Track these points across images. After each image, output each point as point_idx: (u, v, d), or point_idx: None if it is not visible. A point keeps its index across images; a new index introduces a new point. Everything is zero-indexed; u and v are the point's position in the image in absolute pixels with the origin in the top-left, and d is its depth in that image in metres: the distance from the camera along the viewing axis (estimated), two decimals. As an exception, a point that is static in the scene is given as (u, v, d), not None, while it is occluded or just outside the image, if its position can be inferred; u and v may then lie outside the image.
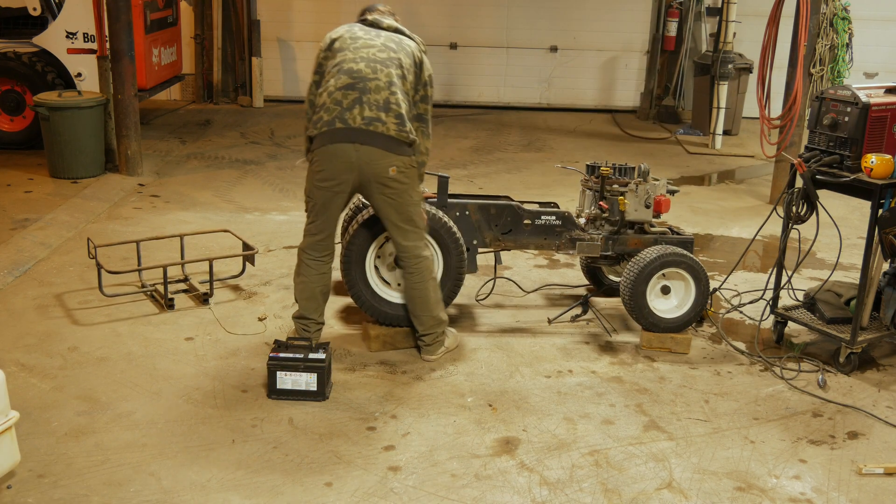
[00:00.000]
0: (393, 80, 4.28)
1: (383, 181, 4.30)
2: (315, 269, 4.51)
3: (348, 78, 4.26)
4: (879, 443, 4.06)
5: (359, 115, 4.22)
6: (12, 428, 3.49)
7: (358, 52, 4.33)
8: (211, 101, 11.67)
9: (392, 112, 4.24)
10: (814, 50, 7.45)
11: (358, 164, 4.26)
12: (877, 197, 4.40)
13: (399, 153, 4.29)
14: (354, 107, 4.23)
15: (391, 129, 4.24)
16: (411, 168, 4.37)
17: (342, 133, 4.24)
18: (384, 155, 4.26)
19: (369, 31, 4.47)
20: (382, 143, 4.24)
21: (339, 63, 4.33)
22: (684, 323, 4.93)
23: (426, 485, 3.60)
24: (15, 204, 7.05)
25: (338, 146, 4.25)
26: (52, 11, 8.80)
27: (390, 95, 4.25)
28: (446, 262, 4.75)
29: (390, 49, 4.38)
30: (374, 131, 4.22)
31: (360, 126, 4.22)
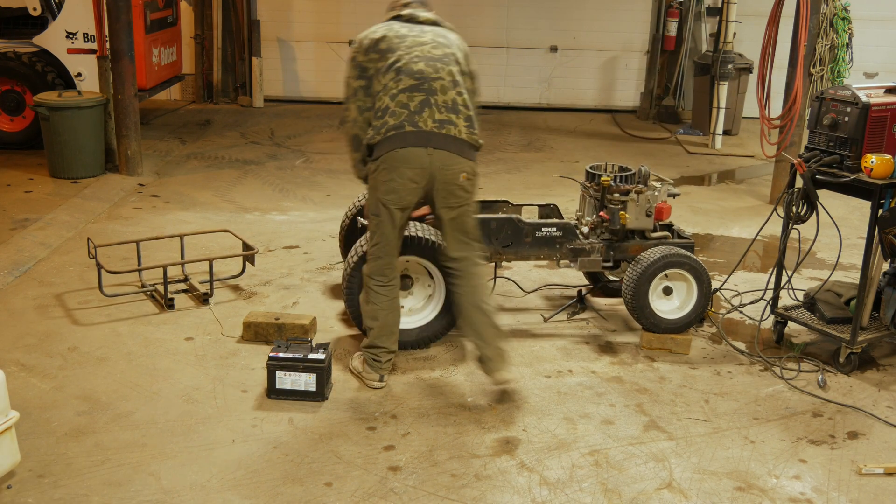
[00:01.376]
0: (456, 79, 4.09)
1: (452, 189, 4.08)
2: (385, 296, 4.28)
3: (411, 79, 4.03)
4: (879, 443, 4.06)
5: (429, 117, 4.01)
6: (12, 428, 3.49)
7: (411, 50, 4.08)
8: (211, 101, 11.67)
9: (462, 114, 4.06)
10: (814, 50, 7.45)
11: (430, 168, 4.02)
12: (877, 197, 4.40)
13: (469, 158, 4.10)
14: (423, 110, 4.00)
15: (462, 131, 4.04)
16: (476, 176, 4.17)
17: (413, 136, 4.00)
18: (457, 159, 4.05)
19: (412, 28, 4.21)
20: (455, 146, 4.04)
21: (394, 64, 4.07)
22: (685, 324, 4.93)
23: (426, 485, 3.60)
24: (15, 204, 7.05)
25: (409, 150, 4.01)
26: (52, 11, 8.80)
27: (457, 96, 4.06)
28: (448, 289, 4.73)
29: (442, 45, 4.15)
30: (446, 134, 4.01)
31: (432, 129, 4.00)
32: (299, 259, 6.13)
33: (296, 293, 5.53)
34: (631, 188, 5.03)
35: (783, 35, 7.36)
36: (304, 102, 11.85)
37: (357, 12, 11.67)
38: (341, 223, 5.48)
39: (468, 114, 4.08)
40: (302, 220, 7.03)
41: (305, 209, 7.32)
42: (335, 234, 6.51)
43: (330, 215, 7.08)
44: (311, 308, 5.30)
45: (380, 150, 4.08)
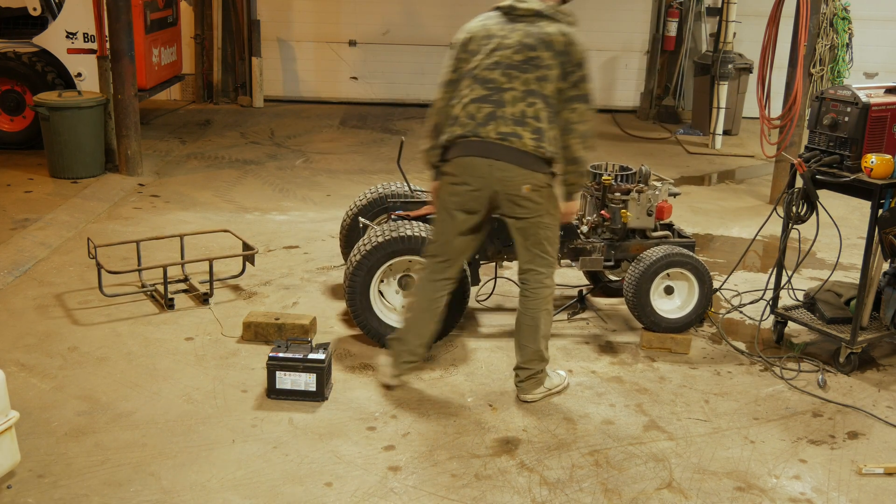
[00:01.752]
0: (531, 89, 3.95)
1: (515, 200, 4.01)
2: (427, 294, 4.27)
3: (482, 89, 3.99)
4: (879, 443, 4.06)
5: (493, 130, 3.94)
6: (12, 428, 3.49)
7: (492, 55, 4.00)
8: (211, 101, 11.66)
9: (529, 126, 3.95)
10: (814, 50, 7.45)
11: (491, 179, 3.99)
12: (877, 197, 4.40)
13: (535, 170, 3.98)
14: (489, 122, 3.95)
15: (527, 144, 3.95)
16: (547, 188, 4.05)
17: (476, 146, 3.98)
18: (518, 171, 3.98)
19: (504, 26, 4.05)
20: (517, 158, 3.96)
21: (473, 70, 4.04)
22: (686, 324, 4.94)
23: (426, 485, 3.60)
24: (15, 204, 7.05)
25: (472, 159, 4.00)
26: (52, 11, 8.80)
27: (527, 107, 3.94)
28: None
29: (528, 47, 3.96)
30: (509, 146, 3.96)
31: (494, 141, 3.94)
32: (299, 259, 6.13)
33: (296, 293, 5.53)
34: (632, 187, 5.03)
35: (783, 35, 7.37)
36: (304, 102, 11.85)
37: (357, 12, 11.67)
38: (342, 223, 5.48)
39: (536, 125, 3.96)
40: (302, 220, 7.03)
41: (305, 209, 7.32)
42: (335, 234, 6.51)
43: (330, 215, 7.08)
44: (311, 308, 5.30)
45: (448, 154, 4.09)
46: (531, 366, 4.25)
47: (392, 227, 4.66)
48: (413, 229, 4.63)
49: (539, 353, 4.24)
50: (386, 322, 4.73)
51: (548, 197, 4.09)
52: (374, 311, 4.70)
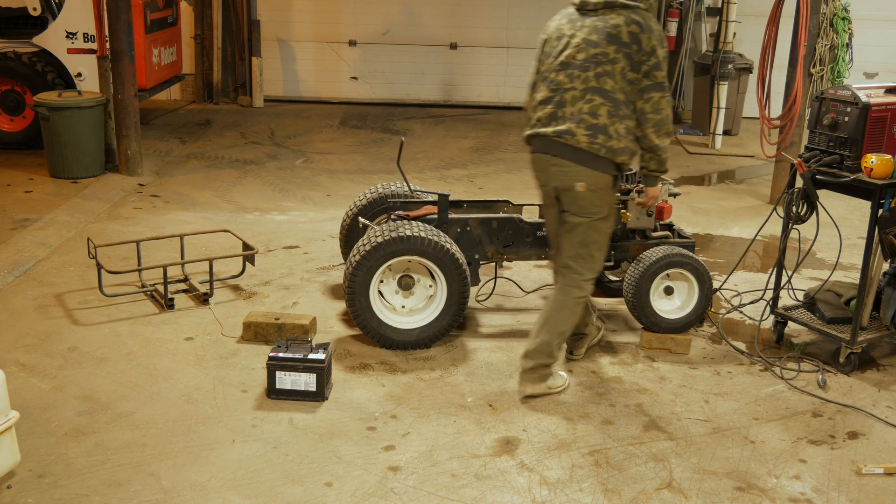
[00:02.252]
0: (591, 86, 4.03)
1: (571, 196, 4.14)
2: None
3: (547, 90, 4.17)
4: (879, 443, 4.06)
5: (552, 128, 4.11)
6: (12, 428, 3.49)
7: (559, 57, 4.14)
8: (211, 101, 11.66)
9: (584, 123, 4.02)
10: (814, 50, 7.45)
11: (550, 175, 4.20)
12: (877, 197, 4.40)
13: (591, 167, 4.07)
14: (550, 122, 4.12)
15: (581, 141, 4.03)
16: (605, 190, 4.14)
17: (539, 144, 4.20)
18: (573, 167, 4.08)
19: (574, 23, 4.14)
20: (571, 154, 4.08)
21: (544, 72, 4.23)
22: (686, 324, 4.94)
23: (426, 485, 3.60)
24: (15, 204, 7.05)
25: (538, 156, 4.24)
26: (52, 11, 8.80)
27: (583, 104, 4.04)
28: (449, 289, 4.72)
29: (591, 44, 4.04)
30: (563, 143, 4.07)
31: (552, 137, 4.11)
32: (299, 259, 6.13)
33: (296, 293, 5.53)
34: (632, 187, 5.03)
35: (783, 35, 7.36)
36: (304, 102, 11.85)
37: (357, 12, 11.67)
38: (342, 223, 5.48)
39: (592, 122, 4.03)
40: (302, 220, 7.03)
41: (305, 209, 7.32)
42: (335, 234, 6.51)
43: (330, 215, 7.08)
44: (311, 308, 5.30)
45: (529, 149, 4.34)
46: (537, 358, 4.27)
47: (391, 228, 4.66)
48: (412, 229, 4.63)
49: (548, 346, 4.26)
50: (385, 322, 4.73)
51: (605, 201, 4.16)
52: (374, 311, 4.70)
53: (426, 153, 9.33)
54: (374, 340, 4.77)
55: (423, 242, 4.59)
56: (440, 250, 4.62)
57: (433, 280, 4.78)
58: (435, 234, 4.66)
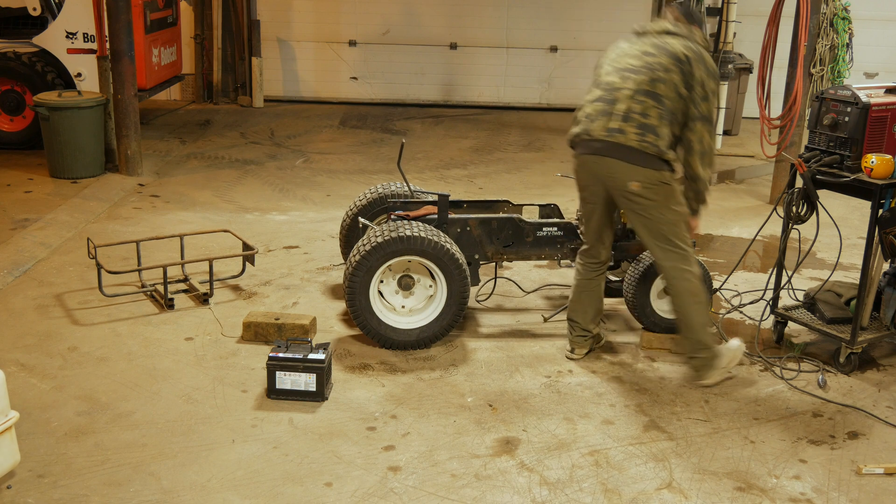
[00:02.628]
0: (642, 88, 4.12)
1: (626, 196, 4.23)
2: (583, 275, 4.61)
3: (599, 90, 4.28)
4: (879, 443, 4.06)
5: (602, 126, 4.19)
6: (12, 428, 3.49)
7: (614, 63, 4.30)
8: (211, 101, 11.67)
9: (633, 122, 4.10)
10: (814, 50, 7.44)
11: (599, 176, 4.28)
12: (877, 197, 4.39)
13: (643, 165, 4.13)
14: (598, 118, 4.22)
15: (631, 139, 4.09)
16: (660, 185, 4.17)
17: (585, 144, 4.29)
18: (625, 167, 4.15)
19: (633, 41, 4.36)
20: (622, 154, 4.14)
21: (596, 77, 4.39)
22: None
23: (426, 485, 3.60)
24: (15, 204, 7.05)
25: (584, 157, 4.32)
26: (52, 11, 8.80)
27: (634, 104, 4.12)
28: (450, 289, 4.72)
29: (648, 54, 4.18)
30: (613, 142, 4.14)
31: (601, 137, 4.18)
32: (299, 259, 6.13)
33: (296, 293, 5.53)
34: None
35: (783, 35, 7.36)
36: (304, 102, 11.85)
37: (357, 12, 11.67)
38: (342, 223, 5.48)
39: (642, 121, 4.10)
40: (302, 220, 7.03)
41: (305, 209, 7.32)
42: (335, 234, 6.52)
43: (330, 215, 7.08)
44: (311, 308, 5.30)
45: (574, 152, 4.44)
46: (696, 354, 4.42)
47: (391, 228, 4.66)
48: (412, 229, 4.63)
49: (700, 342, 4.39)
50: (385, 322, 4.73)
51: (663, 193, 4.20)
52: (374, 311, 4.70)
53: (426, 153, 9.33)
54: (373, 340, 4.77)
55: (423, 242, 4.59)
56: (440, 250, 4.62)
57: (433, 280, 4.78)
58: (435, 234, 4.66)
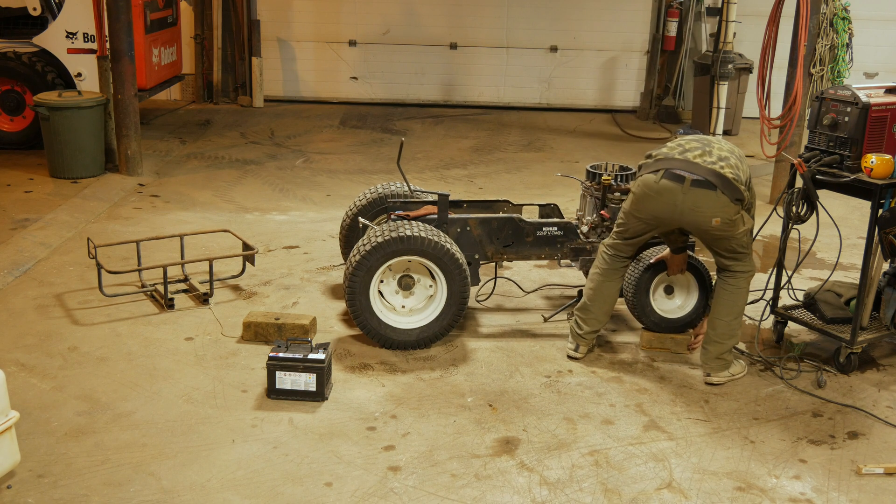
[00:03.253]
0: (729, 168, 4.43)
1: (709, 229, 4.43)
2: (609, 264, 4.67)
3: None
4: (879, 443, 4.06)
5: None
6: (12, 428, 3.49)
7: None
8: (211, 101, 11.67)
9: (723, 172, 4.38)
10: (814, 50, 7.44)
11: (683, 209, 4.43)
12: (877, 197, 4.39)
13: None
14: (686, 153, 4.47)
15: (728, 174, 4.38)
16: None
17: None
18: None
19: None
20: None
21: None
22: (687, 323, 4.94)
23: (426, 485, 3.60)
24: (15, 204, 7.05)
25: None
26: (52, 11, 8.80)
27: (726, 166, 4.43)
28: (450, 289, 4.72)
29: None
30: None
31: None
32: (299, 259, 6.13)
33: (296, 293, 5.53)
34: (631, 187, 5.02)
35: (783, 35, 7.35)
36: (304, 102, 11.85)
37: (357, 12, 11.66)
38: (342, 223, 5.48)
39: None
40: (302, 220, 7.03)
41: (305, 209, 7.32)
42: (335, 234, 6.52)
43: (330, 215, 7.08)
44: (311, 308, 5.30)
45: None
46: (722, 340, 4.50)
47: (391, 228, 4.66)
48: (412, 229, 4.63)
49: (731, 327, 4.50)
50: (385, 322, 4.73)
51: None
52: (374, 311, 4.70)
53: (426, 153, 9.33)
54: (374, 340, 4.77)
55: (422, 242, 4.59)
56: (440, 250, 4.62)
57: (433, 280, 4.78)
58: (435, 233, 4.66)
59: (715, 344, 4.52)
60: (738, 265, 4.47)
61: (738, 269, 4.48)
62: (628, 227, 4.57)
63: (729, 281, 4.50)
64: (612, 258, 4.67)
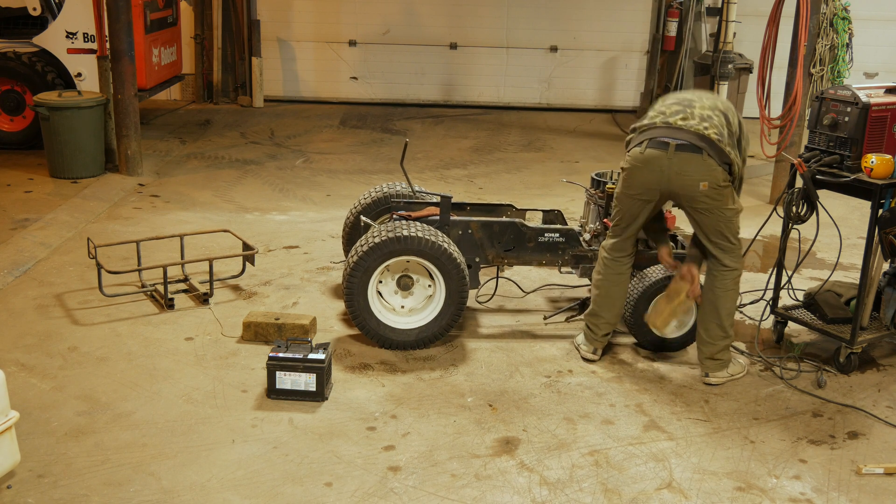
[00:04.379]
0: (716, 120, 4.40)
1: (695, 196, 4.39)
2: (612, 269, 4.64)
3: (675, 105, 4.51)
4: (879, 443, 4.06)
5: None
6: (12, 428, 3.49)
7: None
8: (211, 101, 11.67)
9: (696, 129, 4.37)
10: (814, 50, 7.44)
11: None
12: (877, 197, 4.40)
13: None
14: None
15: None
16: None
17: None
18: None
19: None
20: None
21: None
22: (683, 343, 4.88)
23: (426, 485, 3.60)
24: (15, 204, 7.05)
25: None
26: (52, 11, 8.80)
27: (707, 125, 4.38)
28: (448, 289, 4.72)
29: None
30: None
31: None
32: (299, 259, 6.13)
33: (296, 293, 5.53)
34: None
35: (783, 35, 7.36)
36: (304, 102, 11.85)
37: (357, 12, 11.66)
38: (345, 222, 5.48)
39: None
40: (302, 220, 7.03)
41: (305, 209, 7.32)
42: (335, 233, 6.52)
43: (330, 215, 7.08)
44: (311, 308, 5.30)
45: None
46: (716, 342, 4.48)
47: (389, 228, 4.66)
48: (410, 229, 4.63)
49: (723, 329, 4.48)
50: (384, 322, 4.73)
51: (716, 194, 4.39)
52: (373, 312, 4.70)
53: (426, 153, 9.33)
54: (373, 341, 4.77)
55: (420, 242, 4.59)
56: (438, 250, 4.62)
57: (431, 280, 4.78)
58: (432, 233, 4.66)
59: (707, 345, 4.51)
60: (726, 257, 4.43)
61: (727, 264, 4.43)
62: (623, 213, 4.54)
63: (717, 283, 4.45)
64: (614, 261, 4.64)
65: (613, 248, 4.64)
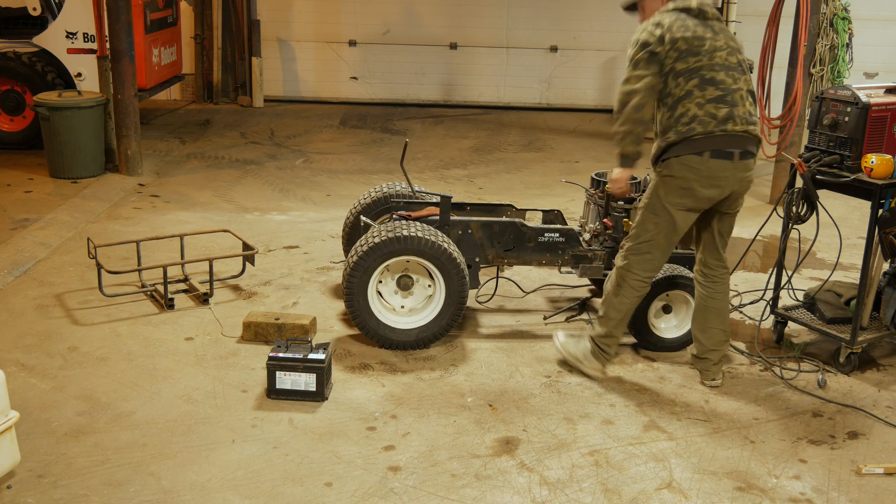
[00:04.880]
0: (751, 89, 4.20)
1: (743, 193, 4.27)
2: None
3: (715, 90, 4.06)
4: (879, 443, 4.06)
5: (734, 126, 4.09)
6: (12, 428, 3.49)
7: (713, 57, 4.07)
8: (211, 101, 11.67)
9: (757, 125, 4.20)
10: (814, 50, 7.44)
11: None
12: (877, 197, 4.40)
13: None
14: (728, 121, 4.07)
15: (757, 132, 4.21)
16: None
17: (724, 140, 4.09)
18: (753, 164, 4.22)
19: (704, 27, 4.12)
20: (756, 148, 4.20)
21: (697, 70, 4.05)
22: (682, 344, 4.88)
23: (426, 485, 3.60)
24: (15, 204, 7.05)
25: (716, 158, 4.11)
26: (52, 11, 8.80)
27: (752, 107, 4.18)
28: (448, 289, 4.72)
29: (735, 50, 4.16)
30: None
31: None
32: (299, 259, 6.13)
33: (296, 293, 5.53)
34: (636, 196, 5.00)
35: (783, 35, 7.36)
36: (304, 102, 11.85)
37: (357, 12, 11.67)
38: (345, 221, 5.48)
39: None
40: (302, 220, 7.03)
41: (305, 209, 7.32)
42: (335, 233, 6.52)
43: (330, 215, 7.08)
44: (311, 308, 5.30)
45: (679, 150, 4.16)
46: (719, 346, 4.45)
47: (389, 228, 4.66)
48: (409, 229, 4.63)
49: (725, 332, 4.46)
50: (384, 322, 4.73)
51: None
52: (373, 312, 4.70)
53: (426, 153, 9.33)
54: (373, 341, 4.78)
55: (420, 242, 4.59)
56: (437, 250, 4.62)
57: (431, 280, 4.78)
58: (432, 233, 4.66)
59: (714, 352, 4.47)
60: (724, 255, 4.40)
61: (724, 264, 4.40)
62: (674, 229, 4.21)
63: (720, 288, 4.40)
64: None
65: (648, 277, 4.34)
